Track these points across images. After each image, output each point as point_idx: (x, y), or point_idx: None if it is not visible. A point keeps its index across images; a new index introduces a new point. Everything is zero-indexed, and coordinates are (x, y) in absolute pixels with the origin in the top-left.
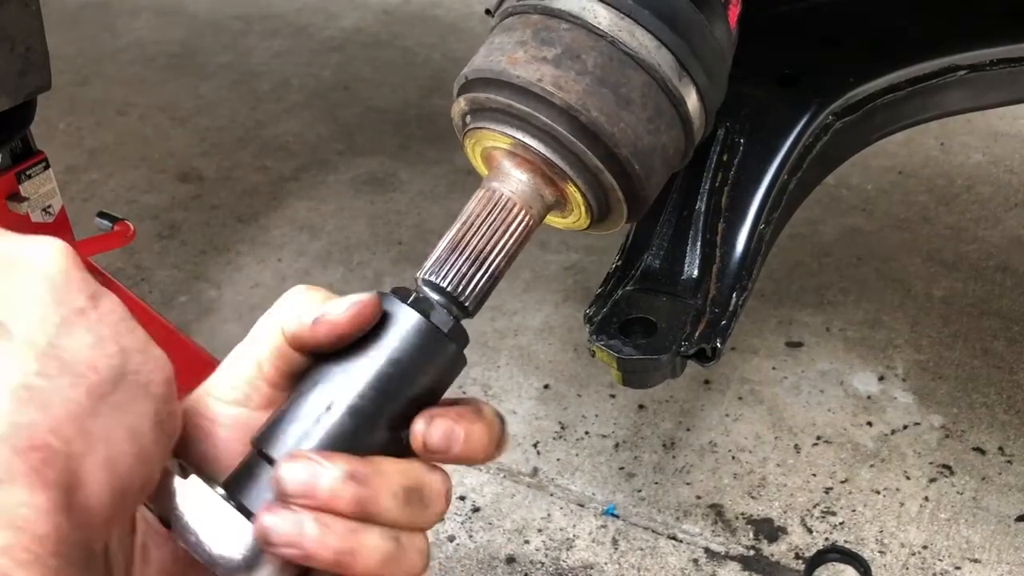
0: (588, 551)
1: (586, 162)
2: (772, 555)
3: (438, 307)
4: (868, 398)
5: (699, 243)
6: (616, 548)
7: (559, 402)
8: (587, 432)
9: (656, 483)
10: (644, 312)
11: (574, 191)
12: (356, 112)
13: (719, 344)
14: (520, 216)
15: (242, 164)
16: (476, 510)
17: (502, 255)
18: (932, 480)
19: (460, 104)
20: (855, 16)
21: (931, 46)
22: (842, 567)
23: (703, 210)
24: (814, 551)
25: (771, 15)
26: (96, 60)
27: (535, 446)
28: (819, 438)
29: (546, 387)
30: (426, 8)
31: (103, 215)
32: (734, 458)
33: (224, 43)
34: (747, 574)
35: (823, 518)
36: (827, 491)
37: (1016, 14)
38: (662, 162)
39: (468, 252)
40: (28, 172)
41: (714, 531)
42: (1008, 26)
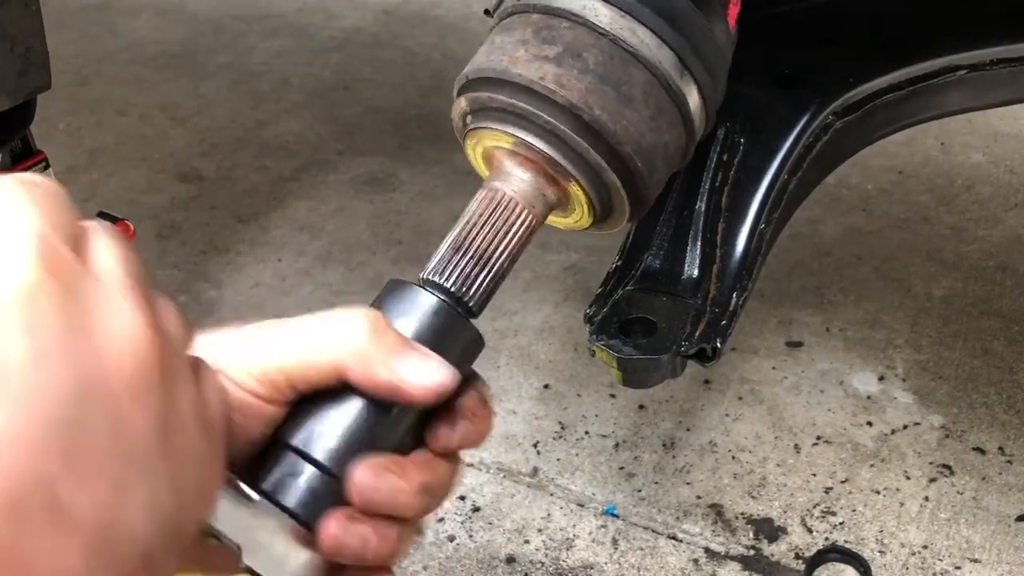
0: (588, 551)
1: (589, 160)
2: (772, 555)
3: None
4: (868, 398)
5: (699, 243)
6: (616, 548)
7: (559, 402)
8: (587, 432)
9: (656, 483)
10: (644, 312)
11: (576, 190)
12: (356, 112)
13: (719, 344)
14: (523, 216)
15: (242, 164)
16: (476, 510)
17: (505, 255)
18: (932, 480)
19: (461, 104)
20: (855, 16)
21: (931, 46)
22: (842, 567)
23: (703, 210)
24: (814, 551)
25: (770, 15)
26: (96, 60)
27: (535, 446)
28: (819, 438)
29: (546, 387)
30: (426, 8)
31: (103, 215)
32: (734, 458)
33: (224, 43)
34: (747, 574)
35: (823, 518)
36: (827, 491)
37: (1016, 14)
38: (664, 160)
39: (471, 253)
40: (28, 172)
41: (714, 531)
42: (1008, 26)
